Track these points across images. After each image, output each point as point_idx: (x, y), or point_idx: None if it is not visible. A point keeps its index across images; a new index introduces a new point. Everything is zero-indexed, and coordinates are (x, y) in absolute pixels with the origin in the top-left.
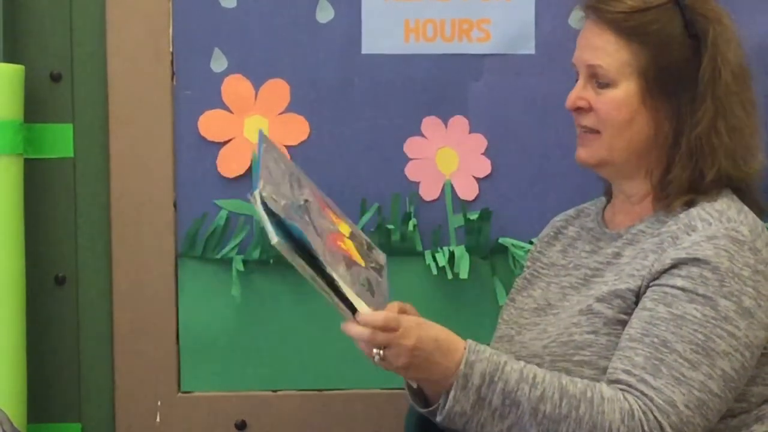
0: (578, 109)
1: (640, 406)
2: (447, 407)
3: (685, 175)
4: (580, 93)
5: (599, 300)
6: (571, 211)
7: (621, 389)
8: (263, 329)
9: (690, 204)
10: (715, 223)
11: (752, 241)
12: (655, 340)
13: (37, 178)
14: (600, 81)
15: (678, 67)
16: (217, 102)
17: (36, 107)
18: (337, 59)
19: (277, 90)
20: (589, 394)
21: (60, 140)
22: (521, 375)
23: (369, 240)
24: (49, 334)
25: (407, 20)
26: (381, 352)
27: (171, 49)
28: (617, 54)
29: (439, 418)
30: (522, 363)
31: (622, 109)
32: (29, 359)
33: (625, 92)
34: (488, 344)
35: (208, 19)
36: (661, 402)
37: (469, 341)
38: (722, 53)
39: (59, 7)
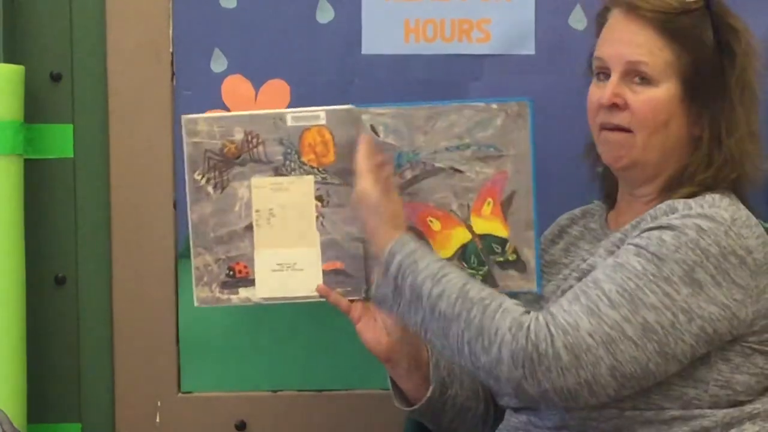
0: (612, 106)
1: (537, 319)
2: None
3: (704, 180)
4: (615, 89)
5: (579, 279)
6: (577, 211)
7: (536, 312)
8: (263, 329)
9: (687, 197)
10: (695, 206)
11: (733, 225)
12: (589, 279)
13: (37, 178)
14: (642, 78)
15: (711, 74)
16: (217, 102)
17: (36, 107)
18: (337, 59)
19: (277, 90)
20: (487, 302)
21: (60, 140)
22: (430, 272)
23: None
24: (49, 334)
25: (407, 20)
26: None
27: (171, 50)
28: (661, 53)
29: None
30: (441, 263)
31: (661, 110)
32: (29, 359)
33: (665, 93)
34: None
35: (208, 20)
36: (562, 321)
37: (404, 234)
38: (752, 64)
39: (59, 8)
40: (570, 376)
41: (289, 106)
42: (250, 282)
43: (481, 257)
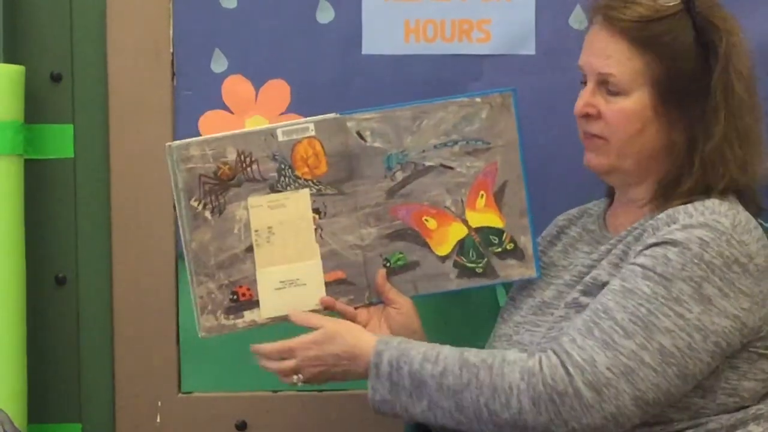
0: (586, 116)
1: (550, 361)
2: (370, 397)
3: (694, 185)
4: (589, 99)
5: (585, 293)
6: (574, 211)
7: (545, 351)
8: (263, 329)
9: (686, 203)
10: (696, 215)
11: (734, 233)
12: (599, 306)
13: (38, 178)
14: (611, 89)
15: (690, 78)
16: (217, 102)
17: (36, 108)
18: (337, 60)
19: (278, 90)
20: (489, 361)
21: (60, 141)
22: (424, 356)
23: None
24: (49, 334)
25: (407, 20)
26: (298, 377)
27: (171, 50)
28: (630, 63)
29: (373, 408)
30: (428, 345)
31: (633, 119)
32: (29, 359)
33: (636, 102)
34: (485, 344)
35: (208, 20)
36: (579, 359)
37: (381, 336)
38: (734, 65)
39: (59, 8)
40: (595, 413)
41: (289, 107)
42: (254, 304)
43: (480, 250)
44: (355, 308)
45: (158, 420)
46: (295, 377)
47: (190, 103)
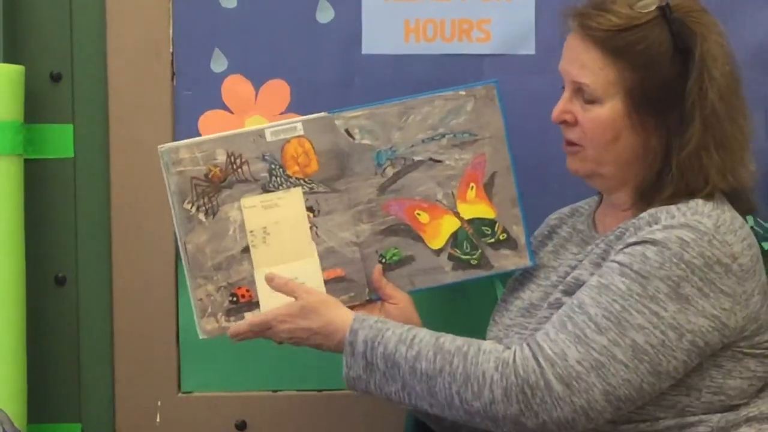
0: (564, 123)
1: (523, 353)
2: (344, 374)
3: (675, 190)
4: (565, 106)
5: (567, 293)
6: (566, 209)
7: (519, 345)
8: None
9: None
10: (678, 216)
11: (716, 233)
12: (574, 302)
13: (38, 178)
14: (586, 98)
15: (666, 85)
16: (217, 102)
17: (36, 107)
18: (337, 59)
19: (278, 90)
20: (464, 349)
21: (60, 140)
22: (400, 338)
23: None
24: (49, 334)
25: (407, 20)
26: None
27: (171, 50)
28: (602, 72)
29: (347, 384)
30: (405, 327)
31: (607, 127)
32: (29, 359)
33: (610, 111)
34: None
35: (208, 20)
36: (550, 352)
37: (357, 314)
38: (708, 70)
39: (59, 8)
40: (565, 406)
41: (289, 106)
42: (254, 305)
43: (473, 242)
44: (353, 307)
45: (158, 420)
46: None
47: (190, 103)
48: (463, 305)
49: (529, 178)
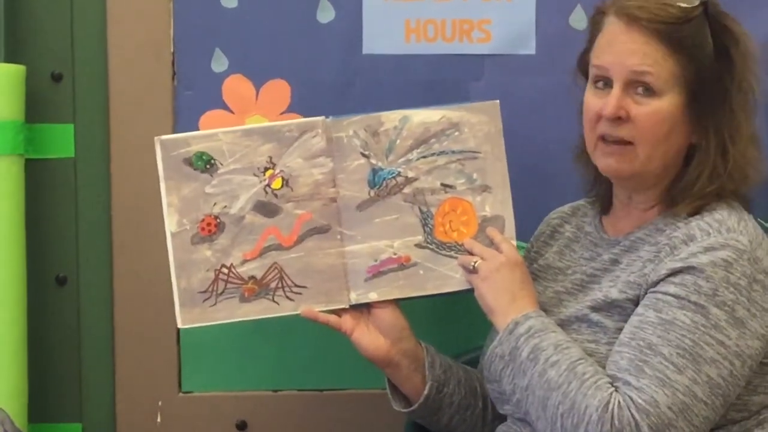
0: (616, 119)
1: (619, 402)
2: (492, 345)
3: (706, 188)
4: (620, 101)
5: (595, 309)
6: (566, 208)
7: (616, 388)
8: (263, 329)
9: (694, 212)
10: (714, 233)
11: (752, 250)
12: (641, 343)
13: (38, 178)
14: (646, 89)
15: (712, 81)
16: (217, 102)
17: (37, 107)
18: (337, 59)
19: (278, 90)
20: (587, 377)
21: (61, 140)
22: (556, 341)
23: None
24: (49, 334)
25: (408, 20)
26: (476, 262)
27: (172, 49)
28: (666, 63)
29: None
30: (568, 339)
31: (665, 121)
32: (29, 359)
33: (669, 104)
34: (482, 345)
35: (208, 20)
36: (641, 402)
37: (539, 309)
38: (750, 69)
39: (60, 7)
40: None
41: (289, 106)
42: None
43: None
44: (340, 315)
45: (158, 420)
46: (475, 261)
47: (191, 103)
48: (463, 306)
49: (529, 178)
